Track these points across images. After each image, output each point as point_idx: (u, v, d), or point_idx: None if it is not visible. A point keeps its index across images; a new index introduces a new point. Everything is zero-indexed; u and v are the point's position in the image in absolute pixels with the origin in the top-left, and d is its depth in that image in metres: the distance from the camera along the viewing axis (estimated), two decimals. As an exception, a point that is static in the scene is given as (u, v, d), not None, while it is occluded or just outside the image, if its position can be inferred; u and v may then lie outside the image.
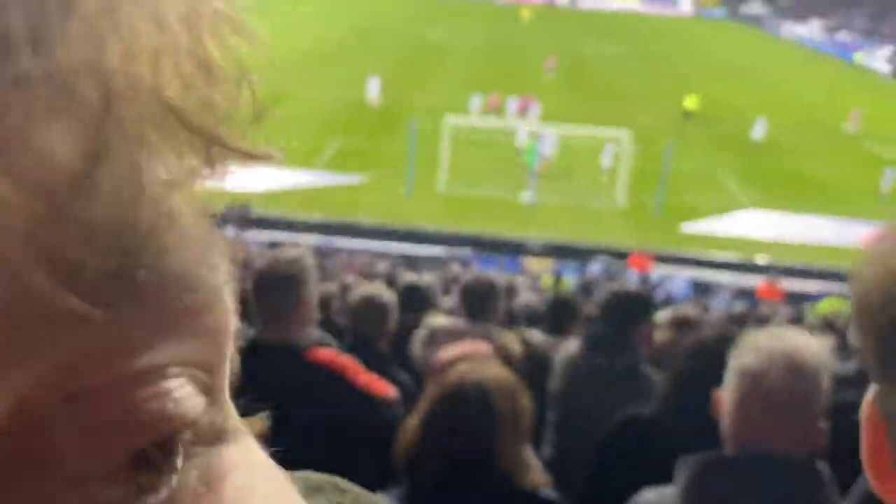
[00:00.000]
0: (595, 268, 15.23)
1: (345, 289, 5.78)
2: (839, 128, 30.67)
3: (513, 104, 27.52)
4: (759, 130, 27.17)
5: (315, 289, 2.53)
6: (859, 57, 54.93)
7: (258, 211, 17.87)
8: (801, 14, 75.72)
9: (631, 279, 13.61)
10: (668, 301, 11.75)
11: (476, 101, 27.46)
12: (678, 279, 15.33)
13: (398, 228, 17.95)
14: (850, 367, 3.14)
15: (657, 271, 16.12)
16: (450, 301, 5.97)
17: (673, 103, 30.83)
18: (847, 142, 28.74)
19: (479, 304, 3.56)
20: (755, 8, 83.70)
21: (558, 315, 4.68)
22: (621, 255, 16.58)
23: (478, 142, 23.31)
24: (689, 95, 30.24)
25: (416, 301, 4.77)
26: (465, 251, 16.92)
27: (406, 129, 22.48)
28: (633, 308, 3.24)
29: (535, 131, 23.13)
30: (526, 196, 20.36)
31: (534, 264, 16.74)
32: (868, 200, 21.73)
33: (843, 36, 63.99)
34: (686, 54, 50.35)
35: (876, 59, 54.37)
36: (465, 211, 19.63)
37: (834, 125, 30.85)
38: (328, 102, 29.64)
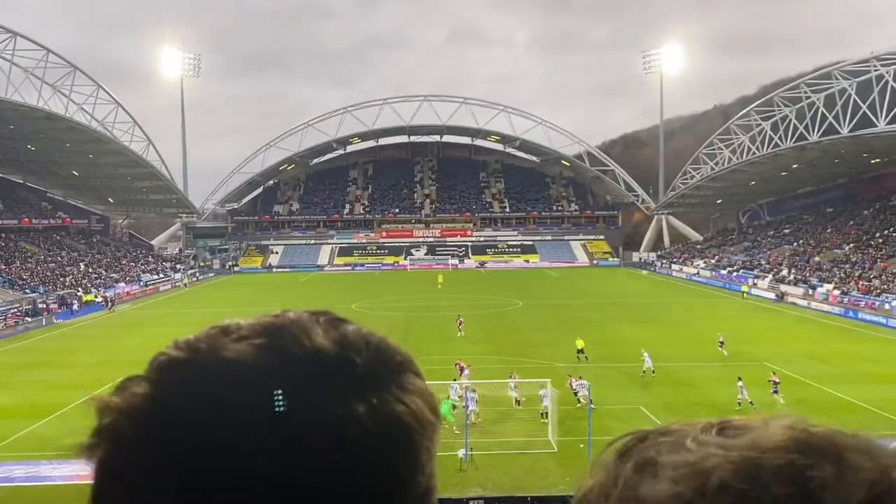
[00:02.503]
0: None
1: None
2: (743, 352, 32.79)
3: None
4: (648, 363, 28.89)
5: None
6: (745, 287, 60.02)
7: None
8: (686, 257, 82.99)
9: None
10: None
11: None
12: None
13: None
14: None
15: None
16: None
17: (589, 346, 32.53)
18: (750, 365, 30.60)
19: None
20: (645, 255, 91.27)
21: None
22: (563, 503, 16.65)
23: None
24: (578, 338, 32.47)
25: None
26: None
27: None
28: None
29: (465, 389, 23.76)
30: (460, 453, 20.52)
31: (477, 522, 16.51)
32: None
33: (727, 271, 70.10)
34: (583, 300, 53.86)
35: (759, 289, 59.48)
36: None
37: (737, 350, 32.99)
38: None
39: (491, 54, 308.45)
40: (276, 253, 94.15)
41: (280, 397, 0.50)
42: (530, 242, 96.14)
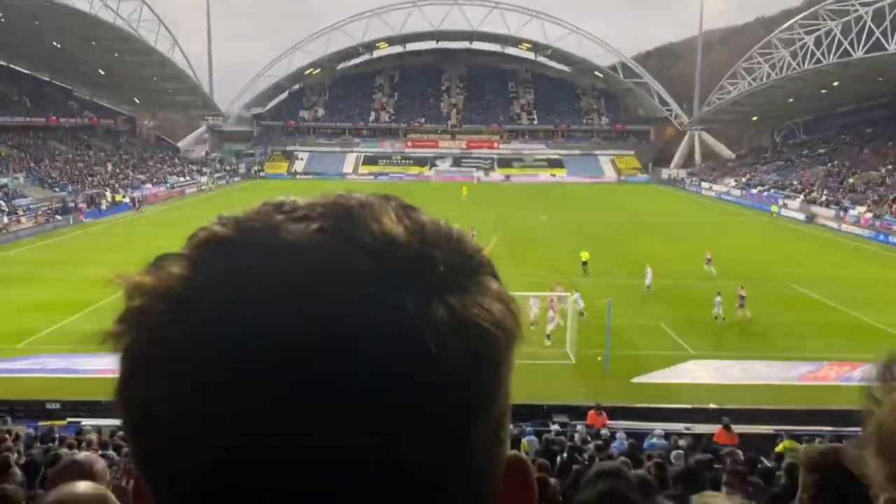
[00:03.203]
0: (555, 428, 15.48)
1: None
2: (769, 273, 32.53)
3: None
4: (647, 279, 28.91)
5: None
6: (775, 208, 59.08)
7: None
8: (717, 175, 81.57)
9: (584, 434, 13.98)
10: (621, 455, 12.01)
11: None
12: (621, 432, 15.61)
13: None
14: None
15: (611, 424, 16.45)
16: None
17: (611, 262, 32.44)
18: (777, 286, 30.38)
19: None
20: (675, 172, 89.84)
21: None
22: (578, 412, 16.95)
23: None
24: (583, 251, 32.57)
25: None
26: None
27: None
28: None
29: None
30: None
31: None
32: (804, 340, 22.92)
33: (758, 190, 68.90)
34: (614, 215, 53.44)
35: (790, 209, 58.54)
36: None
37: (762, 271, 32.73)
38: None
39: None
40: (302, 159, 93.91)
41: (347, 294, 0.42)
42: (557, 156, 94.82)
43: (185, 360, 0.43)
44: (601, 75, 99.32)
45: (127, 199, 58.97)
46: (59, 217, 49.92)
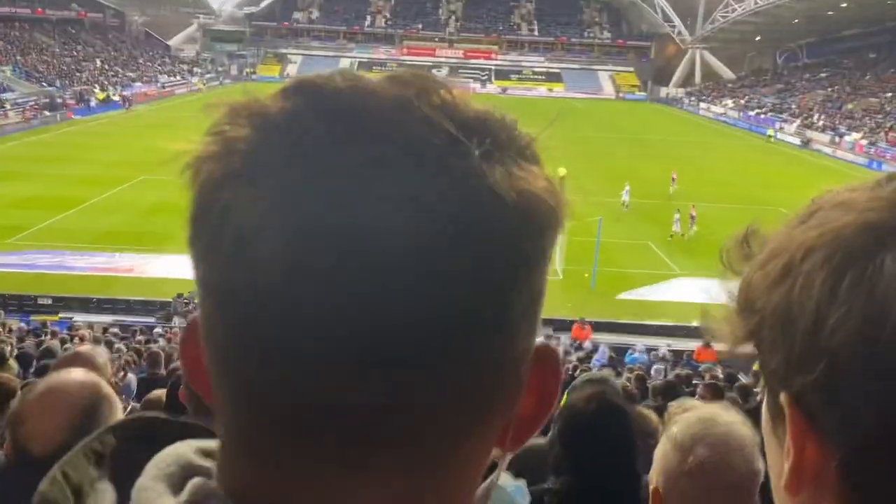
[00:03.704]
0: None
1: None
2: (759, 196, 32.62)
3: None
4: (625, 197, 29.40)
5: None
6: (772, 131, 58.67)
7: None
8: (715, 96, 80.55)
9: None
10: (604, 367, 12.35)
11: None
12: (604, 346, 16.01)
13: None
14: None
15: (595, 339, 16.83)
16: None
17: (601, 179, 32.39)
18: (767, 210, 30.53)
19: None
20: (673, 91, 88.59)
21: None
22: (564, 325, 17.31)
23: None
24: (560, 167, 32.27)
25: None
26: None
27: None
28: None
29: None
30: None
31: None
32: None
33: (756, 113, 68.25)
34: (608, 133, 53.00)
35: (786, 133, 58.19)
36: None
37: (752, 193, 32.81)
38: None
39: None
40: (294, 63, 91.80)
41: (423, 139, 0.45)
42: (556, 70, 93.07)
43: (276, 176, 0.44)
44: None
45: (116, 97, 57.86)
46: (47, 113, 49.04)
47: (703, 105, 77.54)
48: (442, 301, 0.43)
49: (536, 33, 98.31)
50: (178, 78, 74.61)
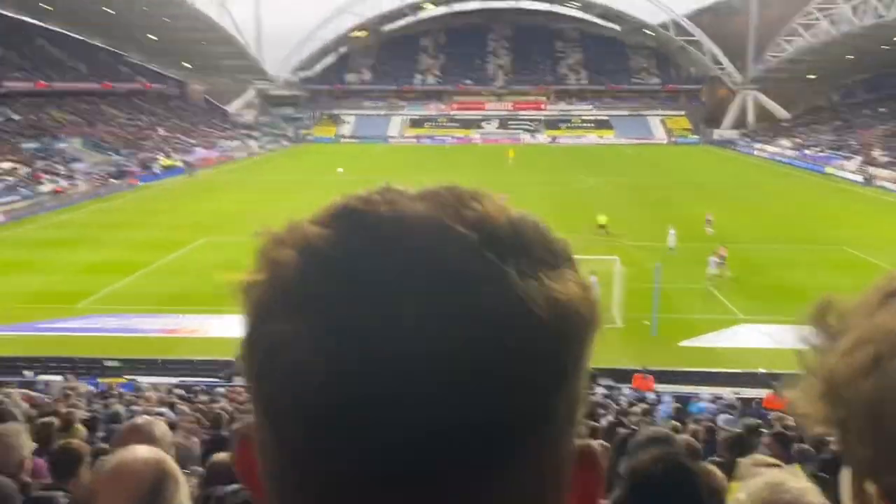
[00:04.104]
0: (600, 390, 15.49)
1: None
2: (822, 236, 31.72)
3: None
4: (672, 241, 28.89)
5: None
6: (831, 169, 57.31)
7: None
8: (770, 136, 79.33)
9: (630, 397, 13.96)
10: (669, 419, 11.98)
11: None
12: (667, 396, 15.54)
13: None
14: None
15: (658, 389, 16.39)
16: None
17: (657, 224, 31.97)
18: (830, 249, 29.63)
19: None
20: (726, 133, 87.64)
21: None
22: (624, 376, 16.92)
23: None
24: (600, 214, 32.40)
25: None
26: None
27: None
28: None
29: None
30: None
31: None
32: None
33: (813, 151, 66.84)
34: (661, 177, 52.50)
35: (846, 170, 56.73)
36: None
37: (815, 233, 31.93)
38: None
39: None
40: (348, 123, 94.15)
41: (462, 260, 0.48)
42: (605, 117, 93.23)
43: (322, 306, 0.47)
44: (652, 34, 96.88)
45: (179, 163, 60.06)
46: (114, 181, 51.14)
47: (757, 145, 76.40)
48: (484, 416, 0.46)
49: (584, 82, 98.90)
50: (238, 142, 77.19)
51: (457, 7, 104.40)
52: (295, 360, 0.46)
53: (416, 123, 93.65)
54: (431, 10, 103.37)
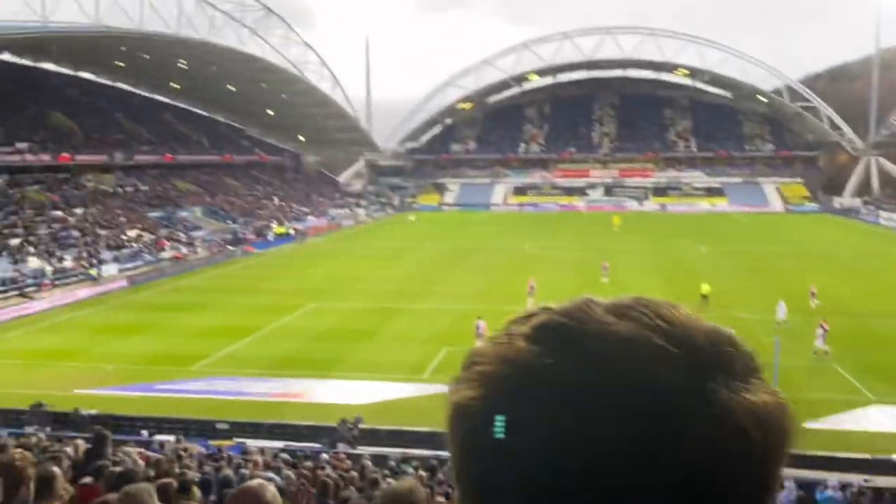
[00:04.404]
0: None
1: None
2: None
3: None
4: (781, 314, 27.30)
5: None
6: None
7: (368, 424, 18.29)
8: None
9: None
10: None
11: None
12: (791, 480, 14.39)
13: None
14: None
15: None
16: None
17: (774, 297, 30.44)
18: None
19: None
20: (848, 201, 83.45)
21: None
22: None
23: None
24: (704, 283, 30.93)
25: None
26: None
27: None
28: None
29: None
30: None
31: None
32: None
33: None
34: (777, 247, 50.20)
35: None
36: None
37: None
38: (434, 315, 30.88)
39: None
40: (452, 191, 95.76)
41: (669, 380, 0.50)
42: (718, 185, 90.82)
43: (537, 424, 0.51)
44: (765, 99, 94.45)
45: (291, 231, 62.47)
46: (231, 247, 53.64)
47: (883, 214, 72.20)
48: None
49: (695, 149, 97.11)
50: (346, 210, 79.79)
51: (562, 77, 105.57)
52: (517, 464, 0.50)
53: (519, 191, 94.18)
54: (536, 81, 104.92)
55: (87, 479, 6.21)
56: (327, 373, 23.41)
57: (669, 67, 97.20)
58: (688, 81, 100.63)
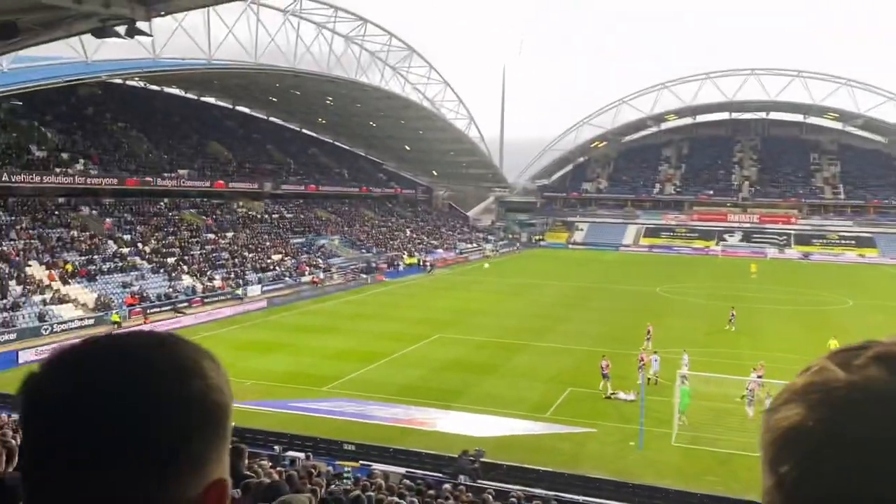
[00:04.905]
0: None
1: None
2: None
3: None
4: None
5: None
6: None
7: (489, 457, 18.48)
8: None
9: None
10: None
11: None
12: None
13: (627, 482, 17.52)
14: None
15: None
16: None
17: None
18: None
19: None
20: None
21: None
22: None
23: (708, 395, 22.76)
24: (832, 338, 28.15)
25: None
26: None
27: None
28: None
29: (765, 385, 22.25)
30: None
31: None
32: None
33: None
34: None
35: None
36: (699, 467, 18.81)
37: None
38: (559, 354, 30.79)
39: (832, 9, 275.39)
40: (581, 229, 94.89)
41: None
42: (868, 234, 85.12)
43: (887, 439, 0.54)
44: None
45: (420, 262, 64.04)
46: (363, 276, 55.65)
47: None
48: None
49: (842, 196, 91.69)
50: (474, 245, 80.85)
51: (701, 118, 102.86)
52: (868, 490, 0.53)
53: (651, 232, 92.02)
54: (675, 121, 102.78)
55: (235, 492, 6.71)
56: (450, 403, 23.84)
57: (817, 111, 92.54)
58: (836, 125, 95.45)
